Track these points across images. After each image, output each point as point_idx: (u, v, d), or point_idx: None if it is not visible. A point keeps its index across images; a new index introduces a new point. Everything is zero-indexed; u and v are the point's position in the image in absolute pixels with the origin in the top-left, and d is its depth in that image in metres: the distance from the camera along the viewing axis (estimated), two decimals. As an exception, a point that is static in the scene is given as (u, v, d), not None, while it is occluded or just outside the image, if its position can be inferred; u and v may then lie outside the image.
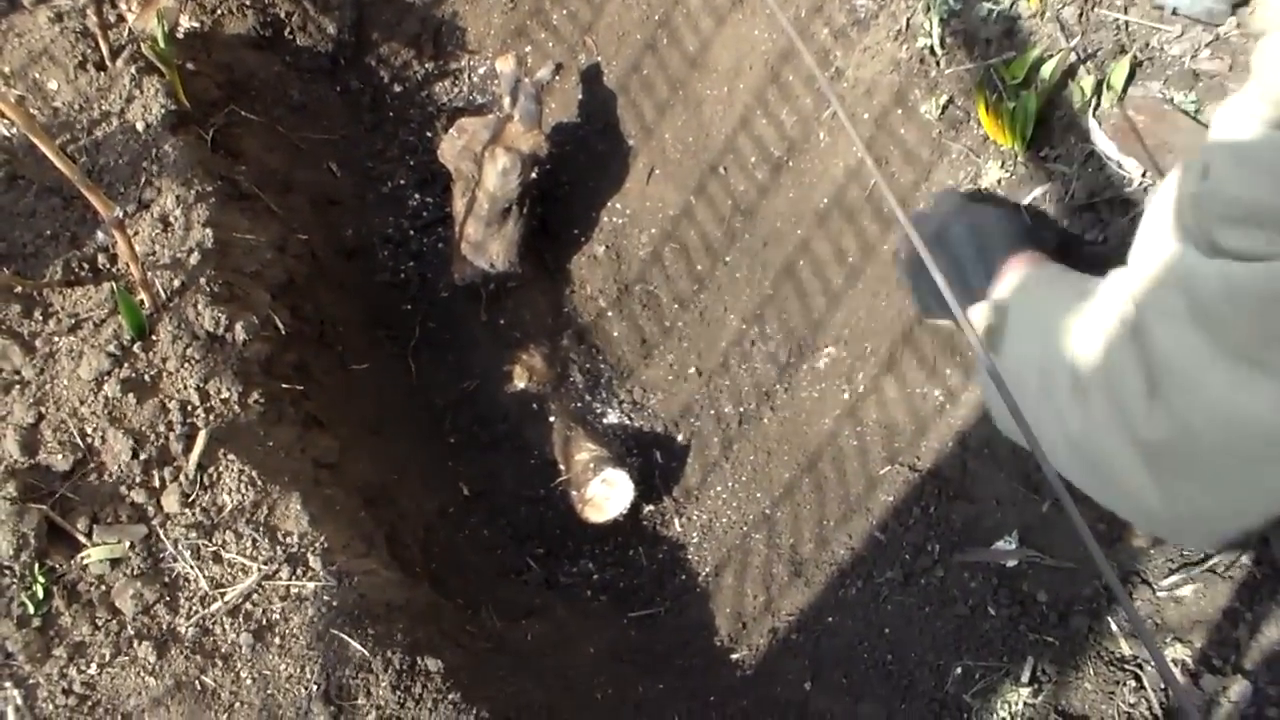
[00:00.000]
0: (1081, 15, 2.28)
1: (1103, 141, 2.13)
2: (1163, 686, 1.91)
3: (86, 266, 2.32)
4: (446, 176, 3.12)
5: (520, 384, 2.99)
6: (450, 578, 2.53)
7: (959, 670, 2.18)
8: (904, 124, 2.46)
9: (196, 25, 2.94)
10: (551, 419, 2.96)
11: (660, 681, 2.46)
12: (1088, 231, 2.13)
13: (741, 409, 2.82)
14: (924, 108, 2.42)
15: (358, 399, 2.73)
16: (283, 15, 3.26)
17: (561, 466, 2.83)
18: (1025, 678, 2.08)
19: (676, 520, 2.85)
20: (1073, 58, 2.22)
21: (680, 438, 2.95)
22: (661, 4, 3.09)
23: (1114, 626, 1.99)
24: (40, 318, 2.21)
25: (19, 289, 2.23)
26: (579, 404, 3.01)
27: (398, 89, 3.43)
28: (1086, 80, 2.18)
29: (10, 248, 2.33)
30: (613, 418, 3.02)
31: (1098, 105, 2.16)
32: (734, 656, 2.56)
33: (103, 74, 2.61)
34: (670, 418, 2.98)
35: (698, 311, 2.99)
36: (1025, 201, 2.24)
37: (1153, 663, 1.90)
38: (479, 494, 2.87)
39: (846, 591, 2.44)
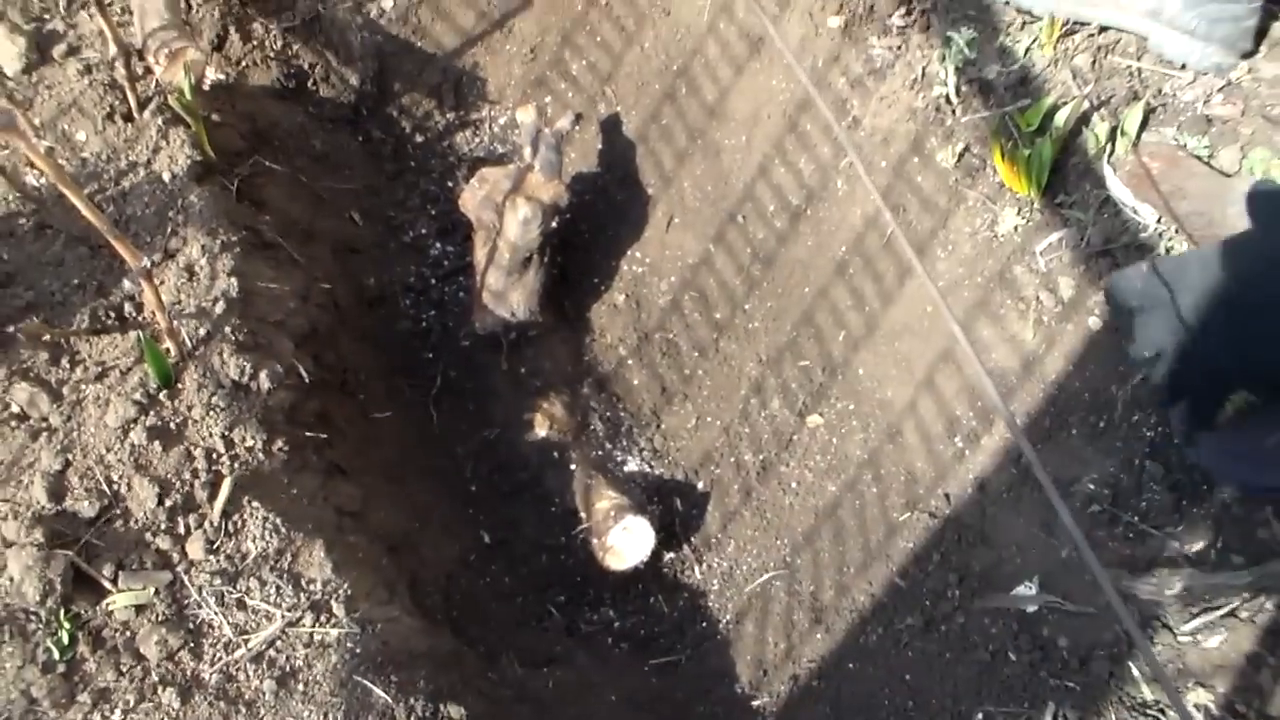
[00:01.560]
0: (1094, 63, 2.31)
1: (1118, 188, 2.15)
2: (1186, 733, 1.91)
3: (113, 315, 2.35)
4: (467, 225, 3.15)
5: (541, 432, 3.00)
6: (471, 625, 2.53)
7: (980, 716, 2.17)
8: (921, 172, 2.48)
9: (222, 77, 2.98)
10: (572, 467, 2.96)
11: (681, 729, 2.47)
12: (1103, 278, 2.15)
13: (762, 456, 2.83)
14: (940, 155, 2.44)
15: (379, 447, 2.75)
16: (306, 66, 3.31)
17: (582, 514, 2.83)
18: (1047, 724, 2.08)
19: (697, 568, 2.86)
20: (1086, 105, 2.25)
21: (700, 485, 2.96)
22: (680, 54, 3.13)
23: (1135, 672, 1.98)
24: (67, 365, 2.24)
25: (47, 337, 2.25)
26: (599, 452, 3.02)
27: (419, 139, 3.47)
28: (1101, 127, 2.20)
29: (38, 296, 2.36)
30: (633, 465, 3.03)
31: (1112, 151, 2.18)
32: (755, 704, 2.55)
33: (130, 125, 2.65)
34: (690, 465, 2.99)
35: (718, 359, 3.00)
36: (1040, 248, 2.25)
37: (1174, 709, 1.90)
38: (500, 542, 2.88)
39: (867, 638, 2.44)
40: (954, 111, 2.44)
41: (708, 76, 3.04)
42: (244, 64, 3.20)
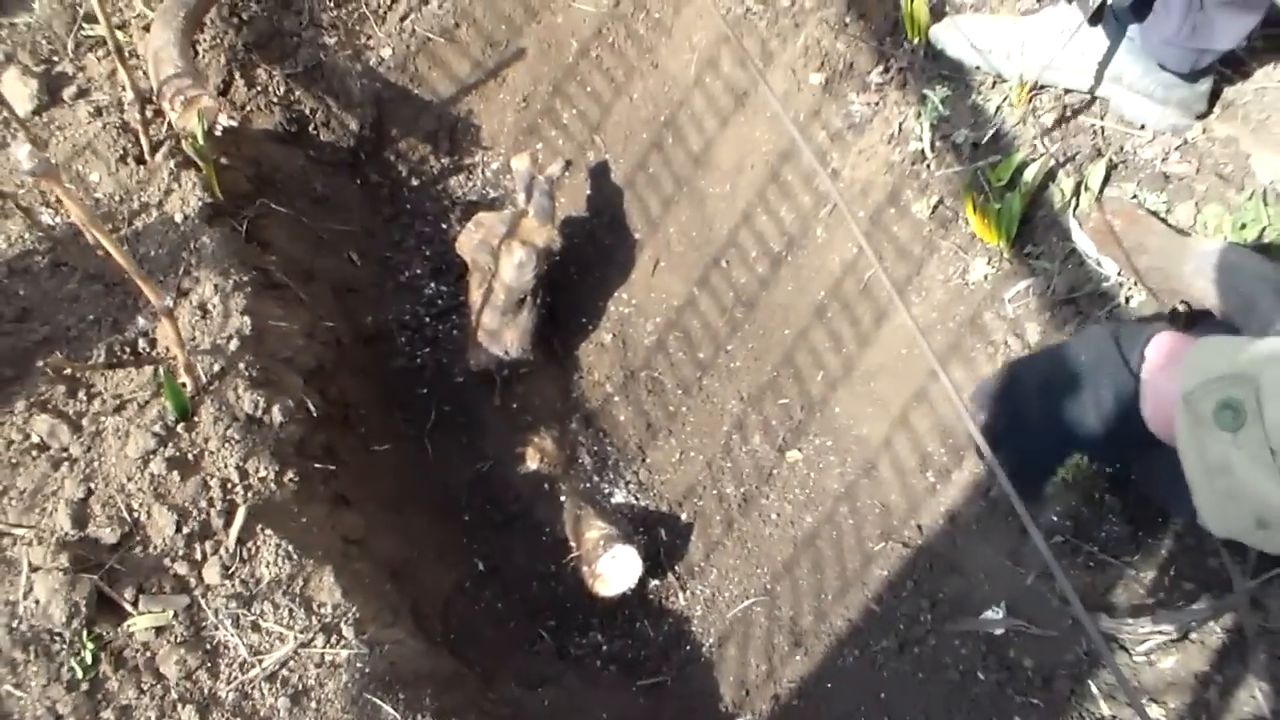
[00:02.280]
0: (1061, 121, 2.44)
1: (1083, 241, 2.28)
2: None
3: (128, 350, 2.43)
4: (461, 266, 3.25)
5: (532, 465, 3.10)
6: (468, 649, 2.62)
7: (952, 734, 2.29)
8: (897, 222, 2.60)
9: (232, 123, 3.05)
10: (562, 499, 3.06)
11: (668, 748, 2.55)
12: (1068, 324, 2.27)
13: (743, 489, 2.94)
14: (916, 207, 2.56)
15: (379, 478, 2.84)
16: (307, 111, 3.40)
17: (572, 543, 2.92)
18: (1013, 740, 2.19)
19: (681, 594, 2.95)
20: (1053, 161, 2.38)
21: (684, 516, 3.06)
22: (667, 104, 3.25)
23: (1094, 689, 2.10)
24: (85, 398, 2.32)
25: (68, 370, 2.34)
26: (588, 484, 3.12)
27: (415, 183, 3.56)
28: (1066, 182, 2.33)
29: (54, 331, 2.44)
30: (620, 497, 3.13)
31: (1077, 205, 2.31)
32: (738, 722, 2.66)
33: (142, 167, 2.74)
34: (675, 498, 3.09)
35: (701, 397, 3.11)
36: (1009, 295, 2.37)
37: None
38: (493, 569, 2.97)
39: (844, 660, 2.55)
40: (929, 165, 2.57)
41: (693, 127, 3.16)
42: (248, 109, 3.29)
